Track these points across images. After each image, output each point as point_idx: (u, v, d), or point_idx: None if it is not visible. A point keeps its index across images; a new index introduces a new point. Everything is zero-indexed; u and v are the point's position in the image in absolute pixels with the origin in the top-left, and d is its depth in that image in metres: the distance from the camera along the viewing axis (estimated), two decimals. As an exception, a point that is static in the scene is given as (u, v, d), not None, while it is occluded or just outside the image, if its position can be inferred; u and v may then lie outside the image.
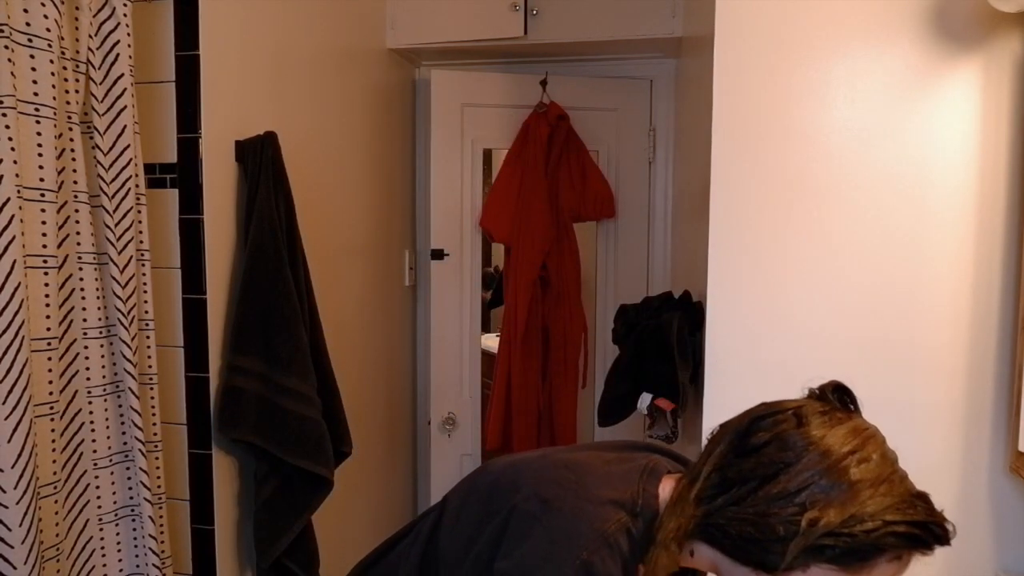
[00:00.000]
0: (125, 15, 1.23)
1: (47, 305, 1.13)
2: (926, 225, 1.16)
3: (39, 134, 1.09)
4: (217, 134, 1.44)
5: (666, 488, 0.83)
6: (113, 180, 1.24)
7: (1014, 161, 1.13)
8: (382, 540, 1.07)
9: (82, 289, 1.20)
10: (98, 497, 1.25)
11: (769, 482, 0.73)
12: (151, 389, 1.33)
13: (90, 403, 1.23)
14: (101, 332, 1.23)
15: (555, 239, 2.35)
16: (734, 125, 1.20)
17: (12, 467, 1.02)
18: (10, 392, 1.02)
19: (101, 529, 1.27)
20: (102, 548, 1.27)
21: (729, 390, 1.21)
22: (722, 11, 1.19)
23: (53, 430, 1.13)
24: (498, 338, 2.43)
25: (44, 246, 1.12)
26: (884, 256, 1.17)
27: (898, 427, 1.18)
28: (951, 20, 1.13)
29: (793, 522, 0.71)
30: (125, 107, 1.24)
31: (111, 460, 1.26)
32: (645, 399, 1.42)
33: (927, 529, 0.71)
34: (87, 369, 1.22)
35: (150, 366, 1.32)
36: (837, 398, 0.81)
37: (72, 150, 1.17)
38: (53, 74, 1.10)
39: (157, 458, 1.33)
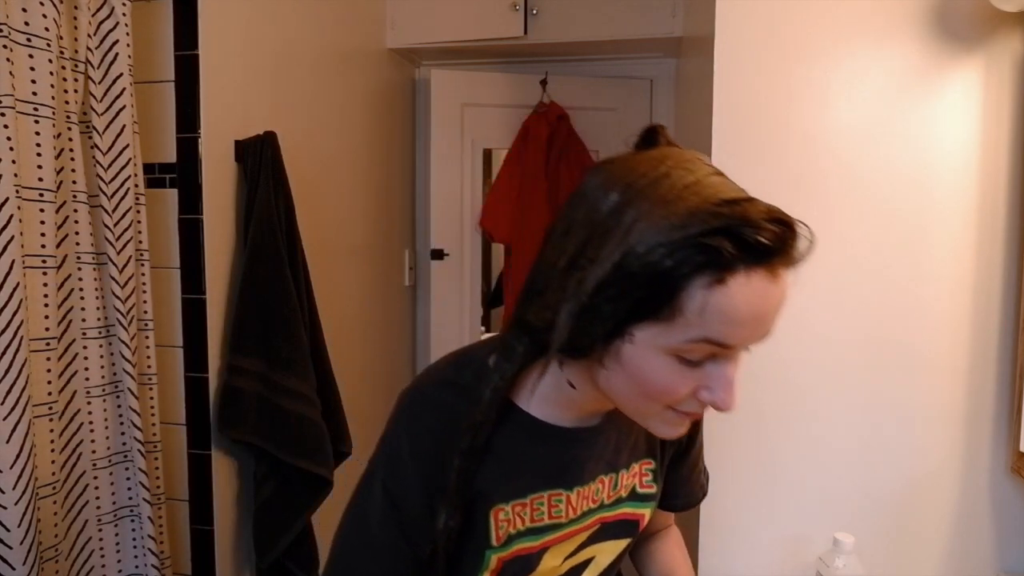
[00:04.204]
0: (124, 15, 1.23)
1: (46, 305, 1.13)
2: (926, 225, 1.15)
3: (38, 134, 1.09)
4: (217, 134, 1.44)
5: None
6: (112, 180, 1.23)
7: (1015, 161, 1.12)
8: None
9: (81, 289, 1.20)
10: (97, 498, 1.25)
11: (558, 258, 0.61)
12: (150, 389, 1.33)
13: (89, 403, 1.22)
14: (100, 332, 1.22)
15: (555, 239, 2.34)
16: (734, 125, 1.19)
17: (11, 467, 1.02)
18: (9, 392, 1.02)
19: (100, 529, 1.26)
20: (101, 548, 1.27)
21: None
22: (722, 11, 1.19)
23: (52, 430, 1.13)
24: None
25: (43, 246, 1.12)
26: (884, 256, 1.17)
27: (899, 427, 1.18)
28: (951, 20, 1.13)
29: (566, 287, 0.60)
30: (124, 107, 1.23)
31: (110, 460, 1.26)
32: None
33: (729, 235, 0.54)
34: (86, 369, 1.22)
35: (149, 366, 1.32)
36: (644, 141, 0.67)
37: (71, 150, 1.17)
38: (52, 74, 1.09)
39: (156, 458, 1.33)
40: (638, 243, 0.56)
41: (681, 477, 0.88)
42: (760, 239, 0.54)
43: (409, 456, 0.70)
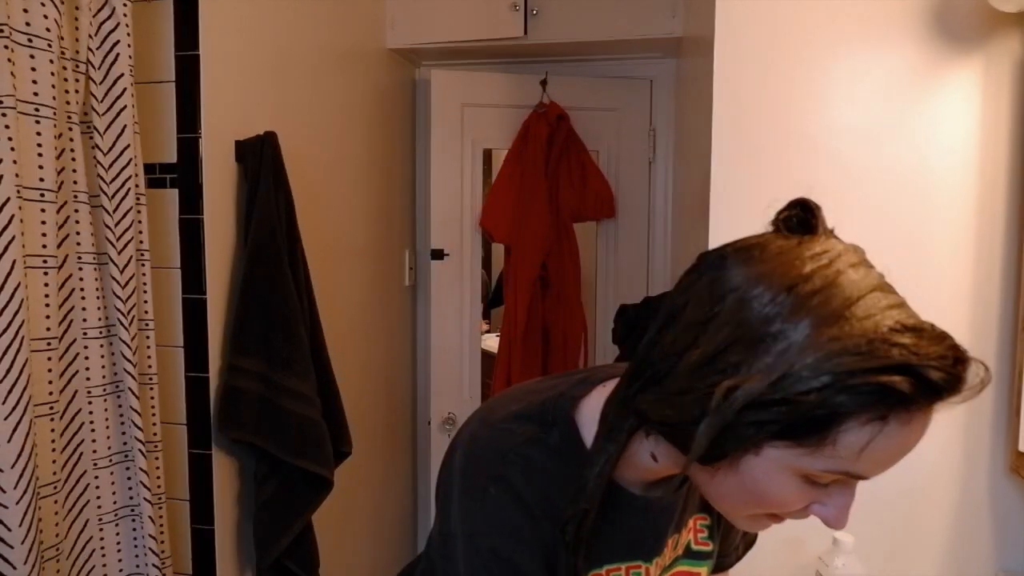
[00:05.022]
0: (125, 15, 1.23)
1: (47, 305, 1.13)
2: (926, 225, 1.16)
3: (39, 134, 1.09)
4: (217, 134, 1.44)
5: (601, 394, 0.67)
6: (113, 180, 1.24)
7: (1014, 161, 1.12)
8: (382, 540, 1.07)
9: (82, 289, 1.20)
10: (98, 497, 1.25)
11: (688, 350, 0.55)
12: (151, 389, 1.33)
13: (90, 403, 1.23)
14: (101, 332, 1.23)
15: (555, 239, 2.35)
16: (734, 125, 1.20)
17: (12, 467, 1.02)
18: (10, 392, 1.02)
19: (101, 529, 1.27)
20: (102, 548, 1.27)
21: (729, 390, 1.21)
22: (722, 11, 1.19)
23: (53, 430, 1.13)
24: (498, 338, 2.43)
25: (44, 246, 1.12)
26: (884, 256, 1.16)
27: (898, 427, 1.18)
28: (951, 20, 1.13)
29: (708, 395, 0.53)
30: (125, 107, 1.24)
31: (111, 460, 1.26)
32: (645, 399, 1.42)
33: (909, 373, 0.49)
34: (87, 369, 1.22)
35: (150, 366, 1.32)
36: (798, 222, 0.59)
37: (72, 150, 1.17)
38: (53, 74, 1.10)
39: (157, 458, 1.33)
40: (802, 367, 0.50)
41: (721, 535, 0.83)
42: (938, 381, 0.49)
43: (527, 521, 0.63)
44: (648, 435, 0.63)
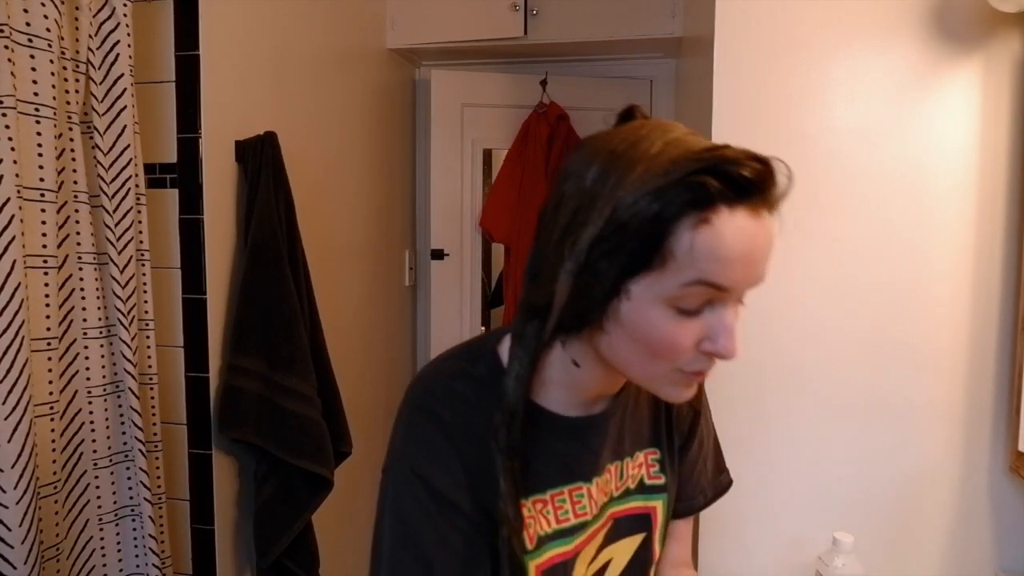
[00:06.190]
0: (125, 15, 1.23)
1: (47, 305, 1.13)
2: (926, 224, 1.16)
3: (39, 134, 1.09)
4: (217, 134, 1.44)
5: None
6: (113, 180, 1.24)
7: (1014, 161, 1.13)
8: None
9: (82, 289, 1.20)
10: (98, 497, 1.25)
11: (550, 234, 0.63)
12: (151, 389, 1.33)
13: (90, 403, 1.23)
14: (101, 332, 1.23)
15: (555, 239, 2.35)
16: (734, 125, 1.20)
17: (12, 467, 1.02)
18: (10, 392, 1.02)
19: (101, 529, 1.27)
20: (102, 548, 1.27)
21: (729, 390, 1.21)
22: (722, 11, 1.19)
23: (53, 430, 1.13)
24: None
25: (44, 246, 1.12)
26: (884, 255, 1.17)
27: (898, 427, 1.18)
28: (951, 20, 1.13)
29: (562, 255, 0.61)
30: (125, 107, 1.24)
31: (111, 460, 1.26)
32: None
33: (715, 172, 0.56)
34: (87, 369, 1.22)
35: (150, 366, 1.32)
36: (624, 119, 0.69)
37: (72, 150, 1.17)
38: (53, 74, 1.10)
39: (157, 458, 1.33)
40: (625, 196, 0.57)
41: (682, 477, 0.85)
42: (742, 173, 0.56)
43: (445, 441, 0.67)
44: (564, 344, 0.68)
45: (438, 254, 2.43)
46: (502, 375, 0.67)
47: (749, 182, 0.56)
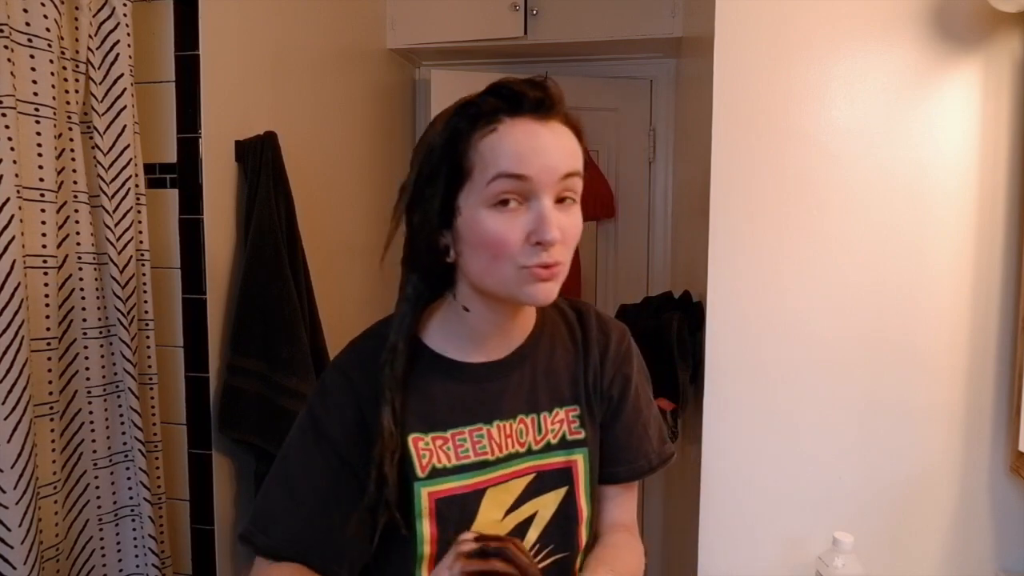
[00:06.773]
0: (125, 15, 1.23)
1: (47, 305, 1.13)
2: (926, 225, 1.16)
3: (39, 134, 1.09)
4: (217, 134, 1.44)
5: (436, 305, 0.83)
6: (113, 180, 1.24)
7: (1014, 161, 1.12)
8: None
9: (82, 289, 1.20)
10: (98, 497, 1.26)
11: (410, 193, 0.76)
12: (151, 389, 1.33)
13: (90, 403, 1.23)
14: (101, 332, 1.23)
15: (555, 239, 2.35)
16: (734, 125, 1.20)
17: (12, 467, 1.02)
18: (10, 392, 1.02)
19: (101, 529, 1.27)
20: (102, 548, 1.27)
21: (729, 390, 1.21)
22: (722, 11, 1.19)
23: (53, 430, 1.13)
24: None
25: (44, 246, 1.12)
26: (884, 256, 1.17)
27: (898, 427, 1.18)
28: (951, 20, 1.13)
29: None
30: (125, 107, 1.24)
31: (111, 460, 1.26)
32: (645, 399, 1.42)
33: (495, 93, 0.71)
34: (87, 369, 1.22)
35: (150, 366, 1.32)
36: None
37: (72, 150, 1.17)
38: (53, 74, 1.10)
39: (157, 458, 1.33)
40: (433, 134, 0.72)
41: (619, 442, 0.87)
42: (514, 88, 0.70)
43: (347, 394, 0.78)
44: (455, 296, 0.78)
45: (438, 254, 2.43)
46: None
47: (523, 95, 0.69)
